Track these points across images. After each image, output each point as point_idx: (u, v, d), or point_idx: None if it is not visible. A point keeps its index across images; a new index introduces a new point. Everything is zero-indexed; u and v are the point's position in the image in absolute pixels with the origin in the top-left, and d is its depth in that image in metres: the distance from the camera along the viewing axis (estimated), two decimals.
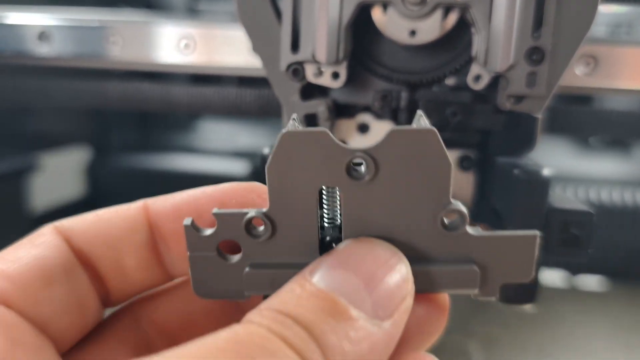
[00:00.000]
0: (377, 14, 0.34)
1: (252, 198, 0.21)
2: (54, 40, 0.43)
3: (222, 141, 0.86)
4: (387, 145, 0.17)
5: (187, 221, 0.19)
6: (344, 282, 0.17)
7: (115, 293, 0.22)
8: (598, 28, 0.58)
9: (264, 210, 0.18)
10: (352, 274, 0.17)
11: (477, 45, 0.33)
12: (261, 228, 0.19)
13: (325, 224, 0.19)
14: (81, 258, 0.21)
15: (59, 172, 0.81)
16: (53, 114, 0.75)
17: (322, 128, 0.17)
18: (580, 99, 0.65)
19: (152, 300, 0.23)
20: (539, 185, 0.32)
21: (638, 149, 0.79)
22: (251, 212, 0.18)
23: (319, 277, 0.17)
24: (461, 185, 0.37)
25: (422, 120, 0.19)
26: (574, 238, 0.31)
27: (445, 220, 0.18)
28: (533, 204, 0.32)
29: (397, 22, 0.33)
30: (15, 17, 0.44)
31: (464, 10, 0.33)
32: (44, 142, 0.74)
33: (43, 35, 0.43)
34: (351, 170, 0.17)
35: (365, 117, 0.38)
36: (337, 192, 0.19)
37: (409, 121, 0.37)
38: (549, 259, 0.32)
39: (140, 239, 0.21)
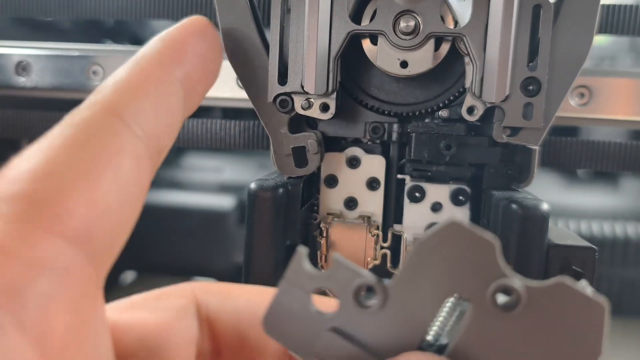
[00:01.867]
0: (367, 44, 0.33)
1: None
2: (32, 71, 0.42)
3: (207, 176, 0.85)
4: (552, 292, 0.15)
5: (303, 250, 0.17)
6: None
7: None
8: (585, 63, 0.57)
9: (387, 282, 0.16)
10: None
11: (471, 75, 0.32)
12: (371, 298, 0.17)
13: (429, 337, 0.17)
14: None
15: None
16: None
17: (492, 238, 0.15)
18: (567, 130, 0.65)
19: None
20: (538, 220, 0.31)
21: (627, 180, 0.79)
22: (371, 278, 0.16)
23: None
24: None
25: (588, 288, 0.17)
26: (576, 275, 0.30)
27: None
28: (532, 240, 0.31)
29: (388, 52, 0.32)
30: None
31: (457, 40, 0.32)
32: None
33: (20, 65, 0.42)
34: (498, 294, 0.16)
35: (355, 151, 0.37)
36: (459, 311, 0.17)
37: (400, 156, 0.36)
38: None
39: None
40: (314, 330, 0.17)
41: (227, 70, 0.39)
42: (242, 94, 0.35)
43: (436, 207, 0.36)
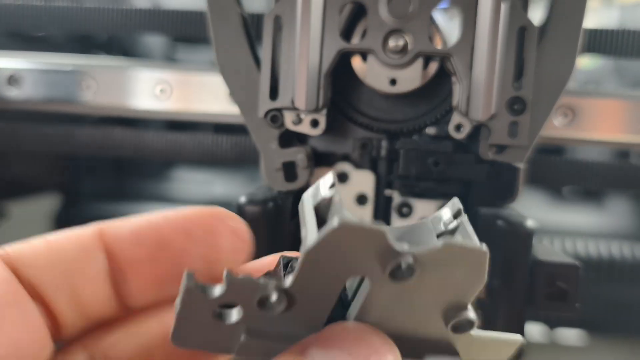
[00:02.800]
0: (357, 62, 0.34)
1: (217, 226, 0.20)
2: (24, 84, 0.42)
3: (197, 190, 0.85)
4: (437, 255, 0.16)
5: (190, 281, 0.17)
6: None
7: (68, 327, 0.20)
8: (569, 84, 0.59)
9: (285, 286, 0.17)
10: (346, 356, 0.17)
11: (458, 94, 0.33)
12: (274, 301, 0.17)
13: (334, 315, 0.18)
14: (31, 291, 0.19)
15: (26, 221, 0.78)
16: (20, 159, 0.72)
17: (381, 227, 0.16)
18: (552, 150, 0.66)
19: (107, 334, 0.21)
20: (523, 236, 0.31)
21: (611, 200, 0.80)
22: (270, 287, 0.17)
23: (312, 357, 0.17)
24: None
25: (468, 227, 0.19)
26: (561, 292, 0.31)
27: (454, 322, 0.18)
28: (517, 256, 0.31)
29: (378, 70, 0.33)
30: None
31: (445, 59, 0.33)
32: (10, 190, 0.72)
33: (12, 78, 0.42)
34: (396, 272, 0.16)
35: (344, 166, 0.37)
36: (357, 289, 0.18)
37: (388, 171, 0.37)
38: (533, 313, 0.31)
39: (96, 267, 0.20)
40: (227, 336, 0.18)
41: (218, 86, 0.40)
42: (233, 109, 0.35)
43: None
